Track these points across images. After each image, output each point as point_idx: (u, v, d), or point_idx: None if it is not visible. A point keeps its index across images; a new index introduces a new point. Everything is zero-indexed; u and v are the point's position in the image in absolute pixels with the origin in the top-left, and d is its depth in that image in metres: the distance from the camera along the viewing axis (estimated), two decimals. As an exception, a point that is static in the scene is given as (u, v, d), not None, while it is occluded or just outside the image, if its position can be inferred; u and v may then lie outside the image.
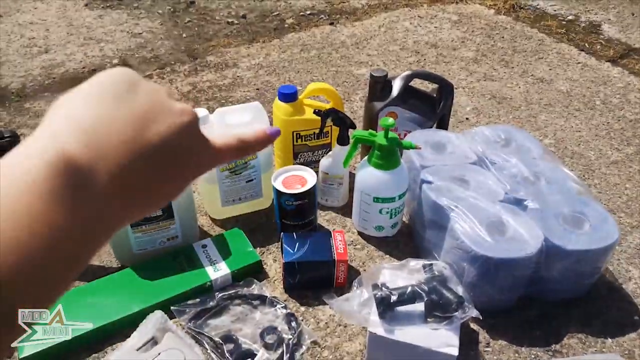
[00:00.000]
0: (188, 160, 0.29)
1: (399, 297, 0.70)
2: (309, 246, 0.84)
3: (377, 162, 0.86)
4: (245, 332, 0.78)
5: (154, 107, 0.28)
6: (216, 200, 0.96)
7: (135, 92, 0.28)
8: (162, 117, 0.28)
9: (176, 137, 0.28)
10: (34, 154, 0.24)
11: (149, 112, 0.28)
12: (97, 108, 0.27)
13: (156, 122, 0.27)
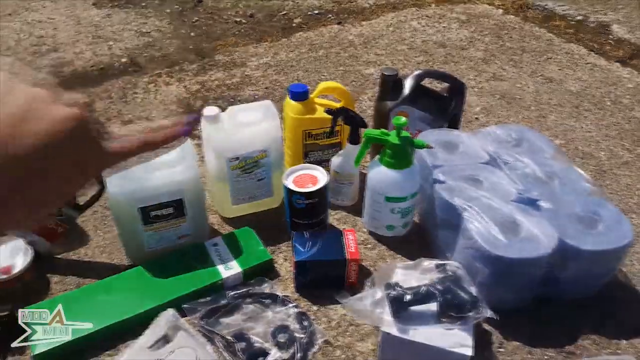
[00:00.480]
0: (71, 164, 0.29)
1: (413, 296, 0.69)
2: (320, 245, 0.84)
3: (389, 161, 0.86)
4: (257, 330, 0.78)
5: (31, 110, 0.27)
6: (227, 199, 0.96)
7: (13, 95, 0.28)
8: (39, 121, 0.27)
9: (55, 141, 0.27)
10: None
11: (26, 115, 0.27)
12: None
13: (35, 124, 0.27)
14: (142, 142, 0.34)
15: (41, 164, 0.27)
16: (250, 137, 0.90)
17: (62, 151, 0.28)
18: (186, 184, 0.83)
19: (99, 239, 0.95)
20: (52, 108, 0.29)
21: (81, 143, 0.29)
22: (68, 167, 0.28)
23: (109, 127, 0.32)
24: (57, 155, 0.27)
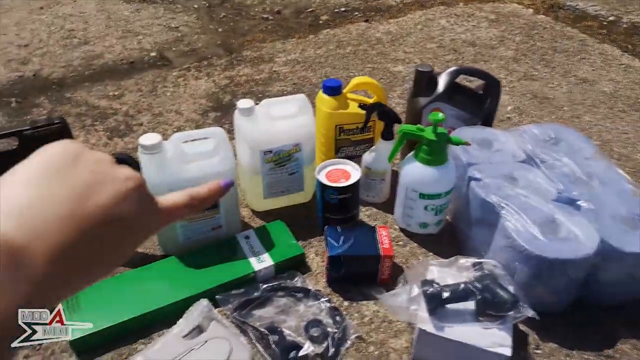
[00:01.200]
0: (134, 226, 0.30)
1: (451, 294, 0.68)
2: (354, 240, 0.83)
3: (424, 157, 0.85)
4: (290, 324, 0.78)
5: (96, 177, 0.29)
6: (258, 192, 0.96)
7: (76, 166, 0.29)
8: (104, 186, 0.28)
9: (119, 204, 0.28)
10: None
11: (91, 184, 0.28)
12: (36, 187, 0.27)
13: (98, 193, 0.28)
14: (188, 196, 0.34)
15: (111, 227, 0.28)
16: (284, 130, 0.90)
17: (126, 210, 0.29)
18: (221, 176, 0.83)
19: (132, 229, 0.95)
20: (114, 169, 0.30)
21: (141, 202, 0.30)
22: (131, 225, 0.29)
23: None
24: (123, 213, 0.29)
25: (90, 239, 0.27)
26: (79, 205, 0.27)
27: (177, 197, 0.34)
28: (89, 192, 0.28)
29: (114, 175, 0.29)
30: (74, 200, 0.27)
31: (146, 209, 0.31)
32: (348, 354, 0.74)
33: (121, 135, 1.21)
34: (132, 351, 0.74)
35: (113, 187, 0.29)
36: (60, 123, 0.89)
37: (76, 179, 0.28)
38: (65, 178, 0.28)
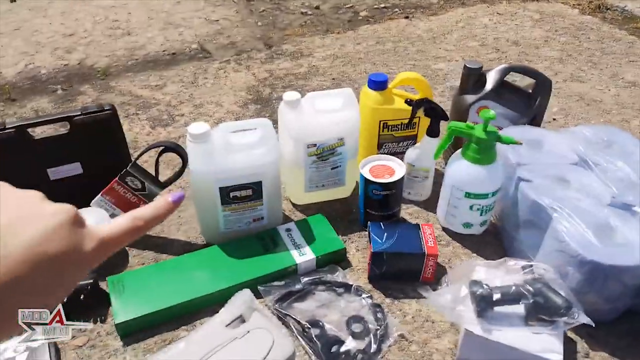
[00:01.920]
0: (65, 262, 0.28)
1: (502, 296, 0.66)
2: (398, 237, 0.82)
3: (472, 156, 0.83)
4: (331, 318, 0.77)
5: (20, 216, 0.27)
6: (300, 185, 0.95)
7: (2, 208, 0.28)
8: (28, 224, 0.27)
9: (46, 241, 0.27)
10: None
11: (13, 224, 0.27)
12: None
13: (22, 232, 0.27)
14: (132, 218, 0.32)
15: (40, 264, 0.27)
16: (329, 124, 0.90)
17: (55, 245, 0.28)
18: (266, 167, 0.83)
19: (175, 217, 0.97)
20: (43, 205, 0.29)
21: (72, 234, 0.29)
22: (63, 261, 0.28)
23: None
24: (51, 250, 0.27)
25: (15, 280, 0.26)
26: (2, 247, 0.26)
27: (117, 222, 0.32)
28: (11, 232, 0.26)
29: (40, 212, 0.28)
30: (9, 224, 0.26)
31: (79, 243, 0.29)
32: (390, 352, 0.73)
33: (164, 125, 1.23)
34: (175, 337, 0.75)
35: (38, 225, 0.27)
36: (109, 110, 0.90)
37: (10, 208, 0.27)
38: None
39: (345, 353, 0.72)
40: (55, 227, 0.28)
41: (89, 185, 0.89)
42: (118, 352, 0.73)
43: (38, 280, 0.27)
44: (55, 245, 0.27)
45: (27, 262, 0.26)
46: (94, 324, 0.77)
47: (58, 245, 0.27)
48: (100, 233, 0.30)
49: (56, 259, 0.27)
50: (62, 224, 0.28)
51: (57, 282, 0.28)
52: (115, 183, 0.87)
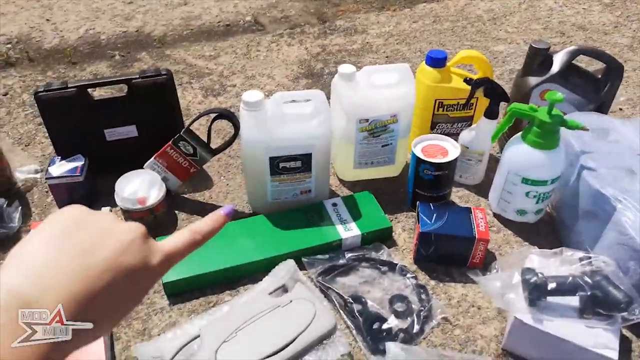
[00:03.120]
0: (138, 273, 0.32)
1: (558, 286, 0.63)
2: (448, 219, 0.80)
3: (534, 140, 0.79)
4: (374, 295, 0.76)
5: (101, 234, 0.32)
6: (349, 161, 0.94)
7: (82, 228, 0.32)
8: (107, 241, 0.31)
9: (122, 255, 0.31)
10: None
11: (95, 242, 0.31)
12: (47, 248, 0.30)
13: (102, 247, 0.31)
14: (190, 232, 0.36)
15: (118, 276, 0.31)
16: (383, 100, 0.87)
17: (129, 259, 0.32)
18: (317, 140, 0.83)
19: (223, 185, 0.98)
20: (116, 225, 0.33)
21: (142, 250, 0.33)
22: (135, 272, 0.32)
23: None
24: (126, 263, 0.31)
25: (99, 289, 0.30)
26: (85, 260, 0.30)
27: (178, 238, 0.36)
28: (93, 248, 0.31)
29: (115, 230, 0.32)
30: (80, 256, 0.30)
31: (148, 256, 0.33)
32: (433, 334, 0.72)
33: (215, 94, 1.24)
34: (220, 300, 0.76)
35: (114, 241, 0.31)
36: (166, 75, 0.91)
37: (82, 238, 0.31)
38: (72, 238, 0.31)
39: (387, 331, 0.71)
40: (129, 242, 0.32)
41: (143, 148, 0.91)
42: (164, 310, 0.75)
43: (118, 288, 0.31)
44: (129, 258, 0.31)
45: (108, 273, 0.30)
46: (142, 281, 0.79)
47: (131, 258, 0.32)
48: (165, 247, 0.34)
49: (130, 270, 0.31)
50: (134, 240, 0.32)
51: (132, 290, 0.32)
52: (169, 147, 0.88)
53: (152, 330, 0.72)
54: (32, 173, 0.98)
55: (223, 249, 0.81)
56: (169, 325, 0.72)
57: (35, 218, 0.90)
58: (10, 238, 0.85)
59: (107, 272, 0.30)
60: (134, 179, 0.87)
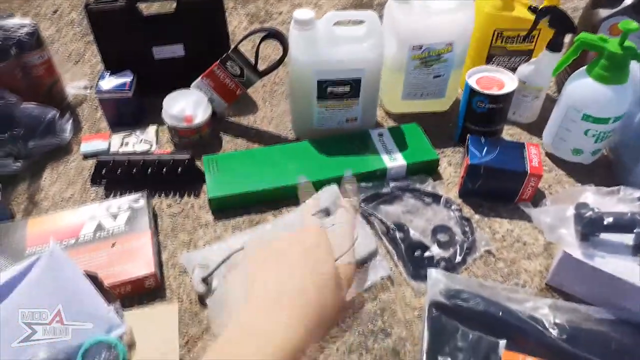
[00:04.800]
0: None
1: (615, 221, 0.61)
2: (499, 153, 0.77)
3: (600, 73, 0.74)
4: (417, 224, 0.76)
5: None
6: (397, 92, 0.91)
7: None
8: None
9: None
10: None
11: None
12: None
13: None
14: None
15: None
16: (439, 26, 0.83)
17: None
18: (368, 64, 0.80)
19: (267, 111, 0.97)
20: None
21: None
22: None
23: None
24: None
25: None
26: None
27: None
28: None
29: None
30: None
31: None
32: (475, 265, 0.71)
33: (261, 21, 1.21)
34: (262, 219, 0.77)
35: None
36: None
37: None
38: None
39: (429, 258, 0.71)
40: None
41: (189, 68, 0.90)
42: (209, 224, 0.76)
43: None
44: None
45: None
46: (188, 197, 0.81)
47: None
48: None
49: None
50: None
51: None
52: (216, 67, 0.87)
53: (198, 242, 0.74)
54: (81, 89, 0.99)
55: (268, 170, 0.81)
56: (213, 238, 0.74)
57: (86, 132, 0.92)
58: (62, 148, 0.88)
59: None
60: (181, 98, 0.87)
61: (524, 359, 0.57)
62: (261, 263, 0.42)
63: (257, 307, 0.38)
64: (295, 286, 0.38)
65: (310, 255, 0.41)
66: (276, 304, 0.37)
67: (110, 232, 0.71)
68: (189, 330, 0.63)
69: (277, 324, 0.36)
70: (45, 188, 0.82)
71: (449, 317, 0.62)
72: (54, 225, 0.72)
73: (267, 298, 0.38)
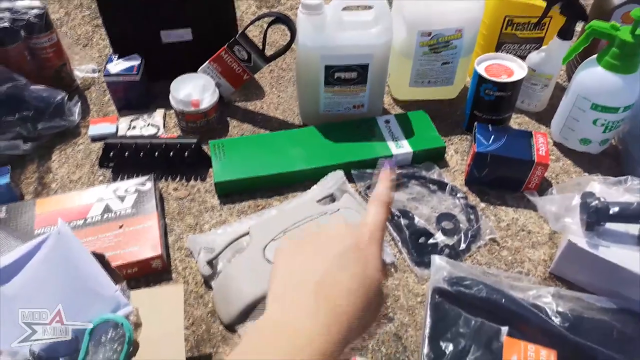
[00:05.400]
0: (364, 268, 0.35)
1: (620, 211, 0.61)
2: (506, 141, 0.77)
3: (611, 62, 0.73)
4: (421, 212, 0.76)
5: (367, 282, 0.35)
6: (405, 78, 0.91)
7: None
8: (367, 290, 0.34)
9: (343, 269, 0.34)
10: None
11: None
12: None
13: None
14: (380, 203, 0.39)
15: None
16: (449, 11, 0.82)
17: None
18: (376, 49, 0.79)
19: (274, 97, 0.97)
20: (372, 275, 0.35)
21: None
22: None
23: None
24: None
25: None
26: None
27: (375, 215, 0.38)
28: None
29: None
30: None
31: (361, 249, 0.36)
32: (479, 253, 0.71)
33: (269, 6, 1.20)
34: (268, 205, 0.77)
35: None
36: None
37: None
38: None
39: (433, 245, 0.71)
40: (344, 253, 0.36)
41: (197, 52, 0.90)
42: (215, 208, 0.77)
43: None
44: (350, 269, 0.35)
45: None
46: (194, 181, 0.81)
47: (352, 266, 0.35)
48: (371, 229, 0.37)
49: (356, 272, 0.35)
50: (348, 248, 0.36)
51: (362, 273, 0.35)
52: (223, 51, 0.87)
53: (203, 225, 0.74)
54: (89, 72, 0.99)
55: (274, 156, 0.81)
56: (219, 222, 0.75)
57: (94, 115, 0.93)
58: (70, 131, 0.88)
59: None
60: (188, 82, 0.87)
61: (525, 345, 0.57)
62: (298, 254, 0.36)
63: (291, 302, 0.33)
64: (344, 285, 0.33)
65: (361, 253, 0.35)
66: (316, 302, 0.32)
67: (118, 214, 0.72)
68: (194, 311, 0.64)
69: (316, 325, 0.31)
70: (54, 170, 0.83)
71: (452, 303, 0.62)
72: (63, 206, 0.73)
73: (307, 292, 0.33)
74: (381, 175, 0.42)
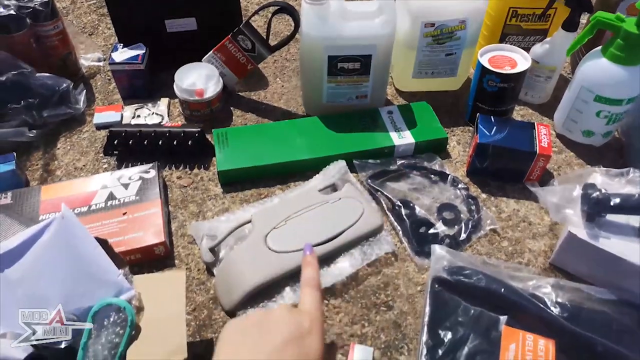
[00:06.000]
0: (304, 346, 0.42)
1: (622, 202, 0.61)
2: (508, 132, 0.77)
3: (615, 53, 0.73)
4: (422, 202, 0.76)
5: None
6: (408, 70, 0.91)
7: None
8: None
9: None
10: None
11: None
12: None
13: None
14: (313, 287, 0.47)
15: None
16: (453, 3, 0.82)
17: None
18: (380, 40, 0.79)
19: (278, 87, 0.97)
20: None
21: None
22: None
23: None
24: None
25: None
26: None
27: (310, 299, 0.46)
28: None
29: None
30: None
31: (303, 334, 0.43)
32: (479, 243, 0.72)
33: (274, -4, 1.20)
34: (270, 193, 0.78)
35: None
36: None
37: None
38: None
39: (433, 235, 0.71)
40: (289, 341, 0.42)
41: (201, 41, 0.90)
42: (218, 197, 0.78)
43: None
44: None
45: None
46: (198, 169, 0.82)
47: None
48: (311, 313, 0.44)
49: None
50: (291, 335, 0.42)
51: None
52: (228, 41, 0.87)
53: (206, 213, 0.75)
54: (95, 61, 1.00)
55: (277, 145, 0.82)
56: (222, 210, 0.75)
57: (99, 103, 0.94)
58: (75, 119, 0.89)
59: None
60: (193, 71, 0.88)
61: (524, 335, 0.57)
62: (241, 344, 0.42)
63: None
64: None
65: (303, 342, 0.41)
66: None
67: (122, 201, 0.72)
68: (196, 297, 0.65)
69: None
70: (59, 157, 0.84)
71: (451, 292, 0.63)
72: (67, 193, 0.74)
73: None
74: (304, 261, 0.48)
